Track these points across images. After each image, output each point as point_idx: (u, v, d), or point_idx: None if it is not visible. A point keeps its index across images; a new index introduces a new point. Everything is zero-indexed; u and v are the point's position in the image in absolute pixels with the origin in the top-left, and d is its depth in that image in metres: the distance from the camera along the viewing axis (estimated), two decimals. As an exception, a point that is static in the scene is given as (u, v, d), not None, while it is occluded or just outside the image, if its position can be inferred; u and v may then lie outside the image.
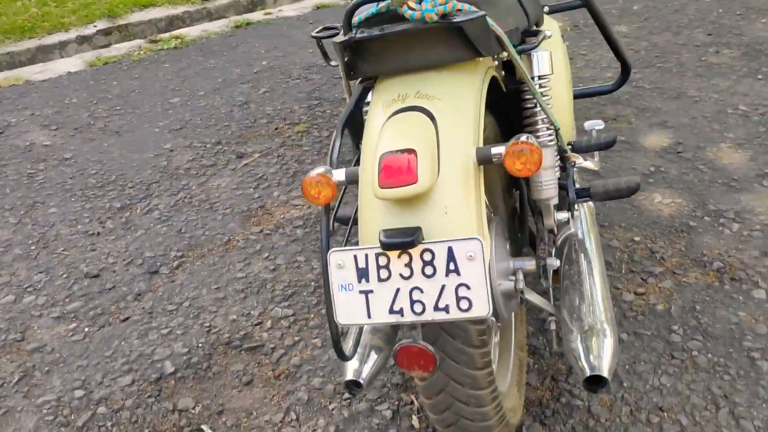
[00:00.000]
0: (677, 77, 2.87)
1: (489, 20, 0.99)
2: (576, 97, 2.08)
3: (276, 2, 4.52)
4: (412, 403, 1.46)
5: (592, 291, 1.29)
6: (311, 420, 1.45)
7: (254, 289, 1.85)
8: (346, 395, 1.50)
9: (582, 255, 1.39)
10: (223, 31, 3.76)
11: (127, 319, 1.79)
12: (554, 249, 1.38)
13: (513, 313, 1.48)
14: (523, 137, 0.95)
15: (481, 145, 1.00)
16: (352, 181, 1.02)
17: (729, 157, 2.29)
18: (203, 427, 1.46)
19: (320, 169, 1.00)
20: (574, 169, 1.52)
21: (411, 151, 0.91)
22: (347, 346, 1.10)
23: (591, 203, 1.60)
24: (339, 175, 1.02)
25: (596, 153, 1.71)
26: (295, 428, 1.43)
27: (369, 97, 1.13)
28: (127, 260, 2.02)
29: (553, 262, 1.31)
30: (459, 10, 0.97)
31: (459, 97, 1.01)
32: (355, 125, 1.24)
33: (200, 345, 1.68)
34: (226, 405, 1.51)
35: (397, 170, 0.90)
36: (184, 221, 2.13)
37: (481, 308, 0.88)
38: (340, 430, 1.42)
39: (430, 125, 0.96)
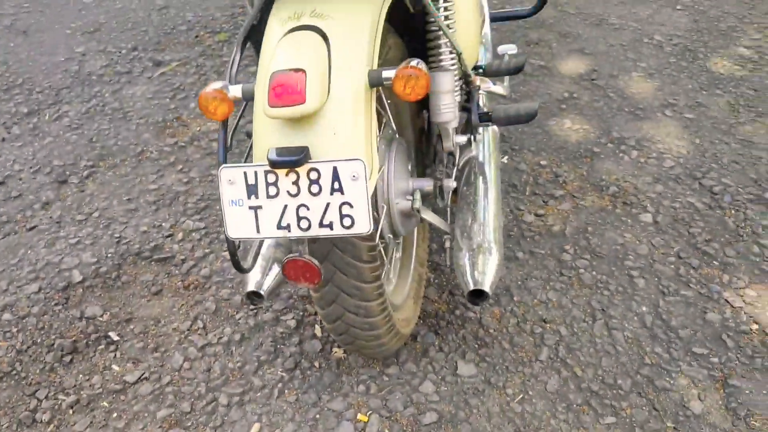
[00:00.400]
0: (601, 3, 2.91)
1: None
2: (494, 20, 2.10)
3: None
4: (315, 313, 1.53)
5: (484, 212, 1.36)
6: (218, 328, 1.50)
7: (166, 201, 1.85)
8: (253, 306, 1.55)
9: (480, 177, 1.46)
10: (143, -73, 3.53)
11: (33, 227, 1.77)
12: (455, 170, 1.44)
13: (415, 231, 1.55)
14: (414, 62, 0.97)
15: (375, 67, 1.02)
16: (249, 97, 1.03)
17: (638, 86, 2.38)
18: (110, 333, 1.50)
19: (217, 85, 1.01)
20: (480, 93, 1.56)
21: (301, 70, 0.93)
22: (248, 259, 1.13)
23: (495, 128, 1.66)
24: (236, 91, 1.02)
25: (506, 77, 1.75)
26: (202, 336, 1.49)
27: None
28: (35, 168, 1.97)
29: (450, 184, 1.37)
30: (356, -72, 0.96)
31: (354, 18, 1.01)
32: (259, 39, 1.23)
33: (109, 255, 1.69)
34: (134, 313, 1.54)
35: (287, 89, 0.92)
36: (96, 130, 2.08)
37: (363, 226, 0.92)
38: (246, 338, 1.48)
39: (323, 45, 0.97)
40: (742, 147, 2.09)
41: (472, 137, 1.50)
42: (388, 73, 0.97)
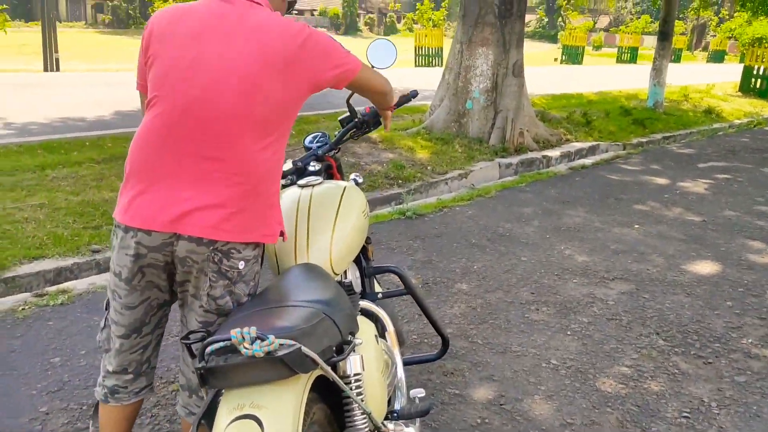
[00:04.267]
0: (505, 333, 3.44)
1: (304, 349, 1.40)
2: (407, 364, 2.53)
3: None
4: None
5: None
6: None
7: None
8: None
9: None
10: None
11: None
12: None
13: None
14: None
15: None
16: None
17: (540, 408, 2.75)
18: None
19: None
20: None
21: None
22: None
23: None
24: None
25: (417, 420, 2.10)
26: None
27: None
28: None
29: None
30: (282, 344, 1.38)
31: (282, 404, 1.39)
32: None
33: None
34: None
35: None
36: (53, 488, 2.25)
37: None
38: None
39: (258, 430, 1.32)
40: (632, 460, 2.40)
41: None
42: None
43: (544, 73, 20.03)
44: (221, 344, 1.39)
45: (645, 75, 11.84)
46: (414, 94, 2.44)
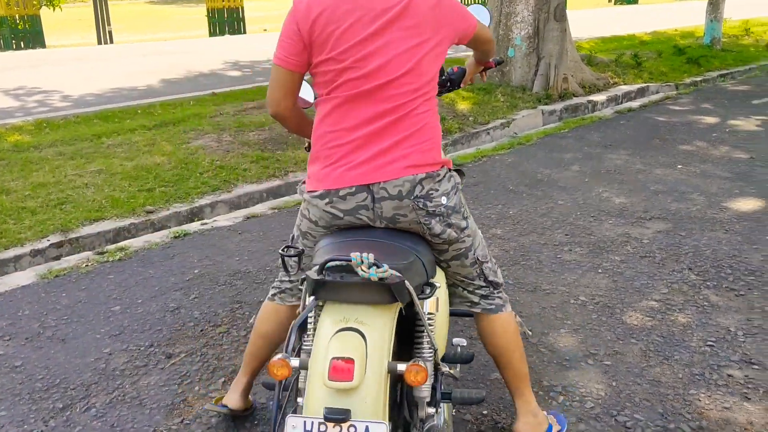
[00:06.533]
0: (535, 273, 3.53)
1: (407, 283, 1.55)
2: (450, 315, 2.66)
3: (213, 212, 5.18)
4: None
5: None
6: None
7: (171, 473, 2.22)
8: None
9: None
10: (163, 242, 4.33)
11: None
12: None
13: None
14: (419, 361, 1.50)
15: (390, 359, 1.53)
16: (304, 367, 1.53)
17: (565, 340, 2.86)
18: None
19: (280, 355, 1.52)
20: (442, 376, 2.04)
21: (351, 359, 1.45)
22: None
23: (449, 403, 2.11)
24: (295, 362, 1.53)
25: (458, 365, 2.24)
26: None
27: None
28: (64, 454, 2.37)
29: None
30: (392, 274, 1.54)
31: (380, 326, 1.57)
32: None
33: None
34: None
35: (341, 371, 1.44)
36: (117, 417, 2.52)
37: None
38: None
39: (363, 343, 1.52)
40: (651, 386, 2.50)
41: (435, 409, 1.96)
42: (401, 367, 1.51)
43: (596, 15, 19.38)
44: (339, 263, 1.56)
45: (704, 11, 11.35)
46: (499, 61, 2.58)
